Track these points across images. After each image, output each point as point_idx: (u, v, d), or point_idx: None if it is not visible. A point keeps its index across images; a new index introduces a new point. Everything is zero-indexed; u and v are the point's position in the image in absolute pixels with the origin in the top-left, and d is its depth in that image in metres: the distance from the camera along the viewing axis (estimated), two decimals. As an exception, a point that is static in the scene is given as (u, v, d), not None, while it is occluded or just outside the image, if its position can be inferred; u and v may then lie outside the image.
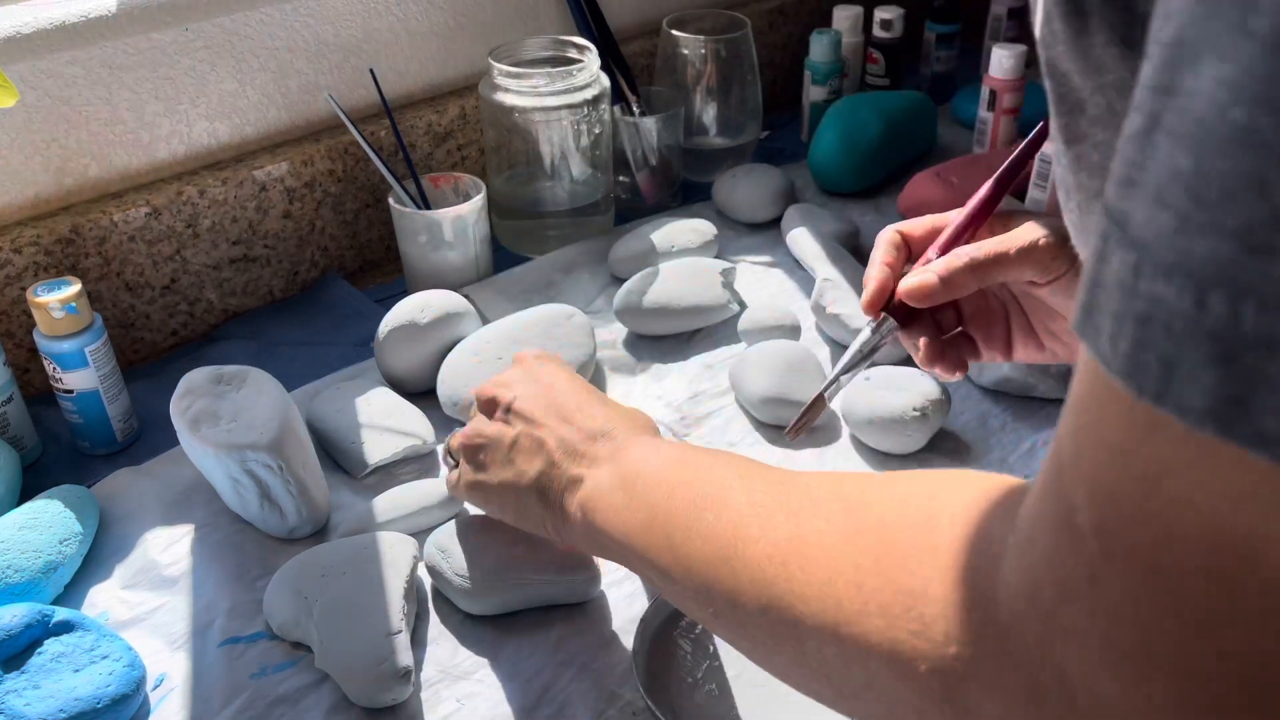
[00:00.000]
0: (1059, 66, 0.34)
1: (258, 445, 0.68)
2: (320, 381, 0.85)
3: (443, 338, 0.83)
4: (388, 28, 0.99)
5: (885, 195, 1.11)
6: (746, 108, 1.12)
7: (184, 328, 0.92)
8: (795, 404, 0.78)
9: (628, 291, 0.89)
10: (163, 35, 0.86)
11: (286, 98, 0.95)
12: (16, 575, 0.64)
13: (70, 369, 0.75)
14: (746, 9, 1.21)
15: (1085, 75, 0.33)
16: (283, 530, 0.70)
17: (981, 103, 1.12)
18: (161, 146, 0.90)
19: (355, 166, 0.98)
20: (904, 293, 0.59)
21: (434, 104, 1.03)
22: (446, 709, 0.60)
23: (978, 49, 1.34)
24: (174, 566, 0.69)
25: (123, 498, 0.74)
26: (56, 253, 0.83)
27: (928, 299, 0.59)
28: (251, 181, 0.92)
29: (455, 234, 0.91)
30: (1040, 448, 0.76)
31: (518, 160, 0.98)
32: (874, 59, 1.22)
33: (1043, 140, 0.62)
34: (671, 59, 1.09)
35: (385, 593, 0.63)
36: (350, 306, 0.95)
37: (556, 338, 0.82)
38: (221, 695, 0.61)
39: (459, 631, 0.65)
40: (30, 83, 0.81)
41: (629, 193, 1.08)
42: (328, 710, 0.60)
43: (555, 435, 0.58)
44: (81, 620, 0.61)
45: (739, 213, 1.04)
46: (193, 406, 0.70)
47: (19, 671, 0.57)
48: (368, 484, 0.76)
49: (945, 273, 0.58)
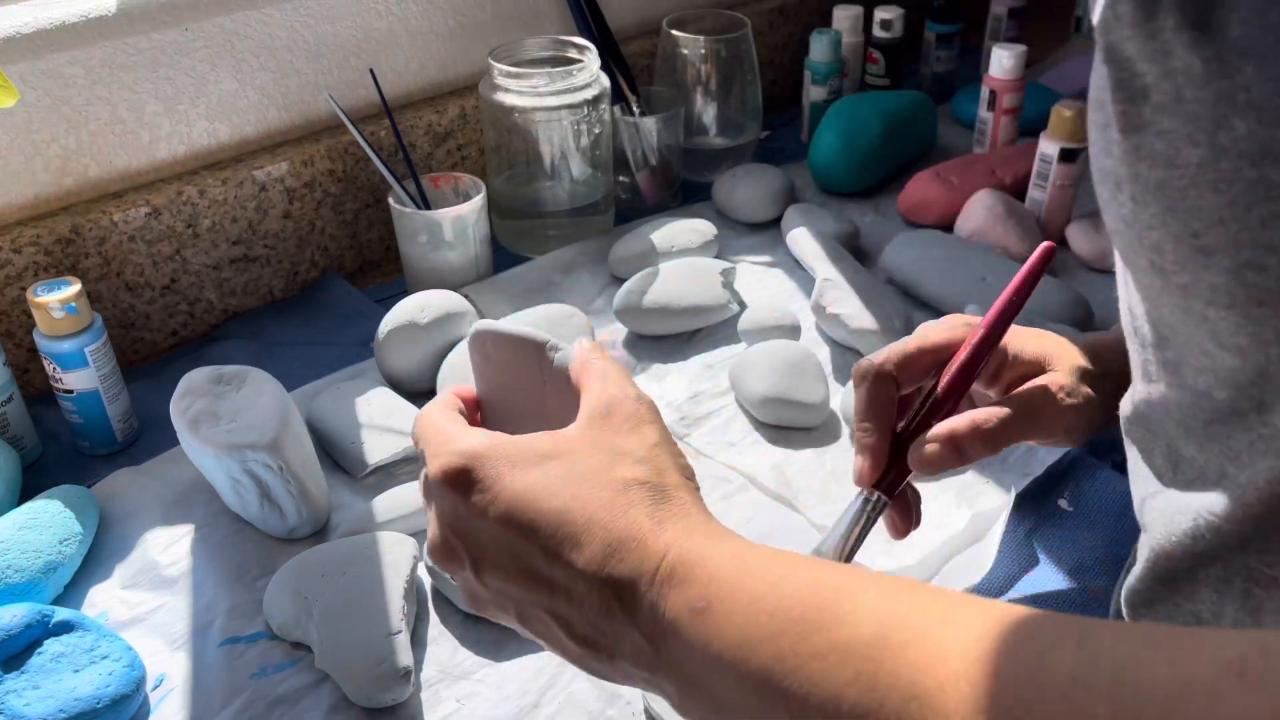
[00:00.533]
0: (1121, 51, 0.33)
1: (258, 445, 0.68)
2: (320, 381, 0.85)
3: (443, 338, 0.83)
4: (388, 28, 0.99)
5: (885, 195, 1.11)
6: (746, 108, 1.12)
7: (184, 328, 0.93)
8: (795, 404, 0.78)
9: (628, 291, 0.89)
10: (163, 35, 0.86)
11: (286, 98, 0.95)
12: (16, 575, 0.64)
13: (70, 369, 0.75)
14: (746, 9, 1.21)
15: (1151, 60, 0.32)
16: (283, 530, 0.70)
17: (981, 103, 1.12)
18: (161, 146, 0.90)
19: (355, 166, 0.98)
20: (914, 463, 0.52)
21: (434, 104, 1.03)
22: (446, 709, 0.60)
23: (978, 49, 1.35)
24: (174, 566, 0.69)
25: (123, 498, 0.74)
26: (56, 253, 0.83)
27: (937, 468, 0.52)
28: (251, 181, 0.92)
29: (455, 234, 0.91)
30: (1039, 447, 0.76)
31: (518, 160, 0.98)
32: (874, 59, 1.22)
33: (1051, 258, 0.54)
34: (671, 59, 1.09)
35: (385, 593, 0.63)
36: (350, 306, 0.95)
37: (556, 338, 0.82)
38: (221, 695, 0.61)
39: (459, 631, 0.65)
40: (30, 83, 0.81)
41: (629, 193, 1.08)
42: (328, 710, 0.60)
43: (560, 620, 0.41)
44: (81, 620, 0.61)
45: (739, 213, 1.04)
46: (193, 406, 0.70)
47: (19, 672, 0.57)
48: (368, 484, 0.76)
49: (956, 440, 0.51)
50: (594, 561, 0.39)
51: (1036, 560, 0.68)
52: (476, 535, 0.42)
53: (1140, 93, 0.33)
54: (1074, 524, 0.70)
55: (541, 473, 0.42)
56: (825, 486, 0.74)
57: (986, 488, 0.73)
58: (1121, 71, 0.34)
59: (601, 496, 0.40)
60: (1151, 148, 0.34)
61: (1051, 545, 0.69)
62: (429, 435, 0.45)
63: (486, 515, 0.41)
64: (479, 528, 0.42)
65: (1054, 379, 0.54)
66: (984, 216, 0.97)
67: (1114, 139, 0.35)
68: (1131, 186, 0.35)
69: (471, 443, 0.43)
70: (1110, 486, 0.72)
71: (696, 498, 0.42)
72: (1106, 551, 0.68)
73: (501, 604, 0.43)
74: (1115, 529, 0.69)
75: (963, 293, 0.88)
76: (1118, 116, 0.35)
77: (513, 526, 0.41)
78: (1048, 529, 0.70)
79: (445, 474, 0.42)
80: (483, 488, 0.42)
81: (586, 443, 0.43)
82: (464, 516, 0.42)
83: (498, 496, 0.41)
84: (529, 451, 0.42)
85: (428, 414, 0.47)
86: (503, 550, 0.41)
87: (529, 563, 0.41)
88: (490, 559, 0.42)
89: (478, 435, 0.44)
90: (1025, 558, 0.68)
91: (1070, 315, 0.85)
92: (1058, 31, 1.46)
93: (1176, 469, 0.43)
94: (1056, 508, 0.71)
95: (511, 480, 0.42)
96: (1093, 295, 0.90)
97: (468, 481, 0.42)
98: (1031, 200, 1.01)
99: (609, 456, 0.42)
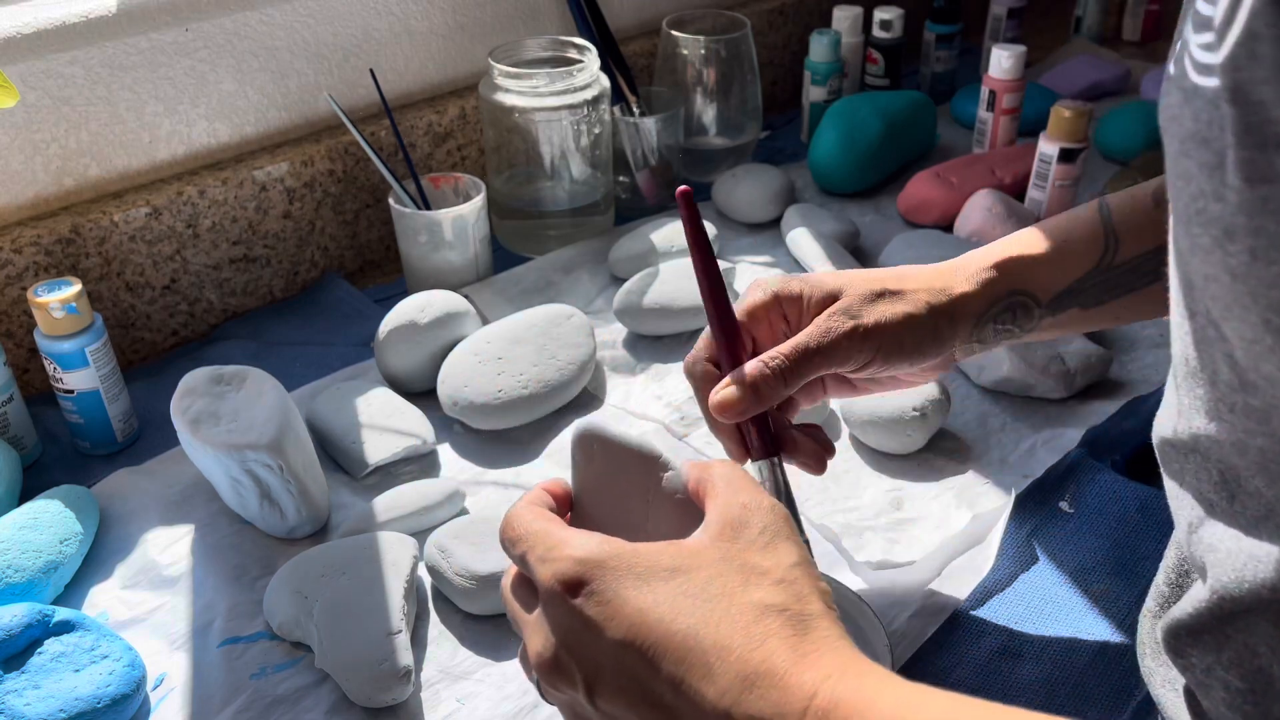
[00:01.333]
0: (1252, 94, 0.31)
1: (258, 445, 0.68)
2: (320, 381, 0.85)
3: (443, 338, 0.83)
4: (388, 28, 0.99)
5: (885, 195, 1.11)
6: (746, 108, 1.12)
7: (184, 328, 0.93)
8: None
9: (628, 291, 0.89)
10: (163, 35, 0.86)
11: (286, 98, 0.95)
12: (17, 575, 0.64)
13: (70, 369, 0.75)
14: (746, 9, 1.21)
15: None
16: (283, 530, 0.71)
17: (981, 103, 1.12)
18: (162, 147, 0.90)
19: (355, 167, 0.98)
20: (714, 409, 0.54)
21: (434, 104, 1.03)
22: (446, 709, 0.60)
23: (978, 49, 1.35)
24: (174, 566, 0.69)
25: (123, 498, 0.74)
26: (57, 253, 0.83)
27: (736, 412, 0.54)
28: (251, 182, 0.92)
29: (455, 234, 0.91)
30: (1039, 448, 0.76)
31: (518, 160, 0.98)
32: (874, 59, 1.22)
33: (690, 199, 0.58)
34: (671, 59, 1.10)
35: (385, 593, 0.63)
36: (350, 306, 0.95)
37: (556, 338, 0.82)
38: (221, 695, 0.61)
39: (459, 631, 0.65)
40: (30, 83, 0.81)
41: (629, 193, 1.08)
42: (328, 710, 0.60)
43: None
44: (82, 620, 0.61)
45: (739, 213, 1.04)
46: (193, 406, 0.70)
47: (19, 671, 0.58)
48: (368, 484, 0.76)
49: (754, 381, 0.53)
50: (727, 695, 0.36)
51: (1036, 560, 0.68)
52: (593, 654, 0.39)
53: (1274, 141, 0.31)
54: (1075, 526, 0.70)
55: (667, 590, 0.38)
56: (825, 486, 0.74)
57: (986, 489, 0.73)
58: (1251, 115, 0.31)
59: (736, 621, 0.37)
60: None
61: (1053, 547, 0.69)
62: (531, 537, 0.42)
63: (604, 634, 0.38)
64: (596, 646, 0.38)
65: (838, 305, 0.56)
66: (983, 217, 0.97)
67: (1231, 185, 0.33)
68: (1251, 240, 0.32)
69: (590, 549, 0.40)
70: (1112, 489, 0.72)
71: (839, 628, 0.39)
72: (1109, 554, 0.68)
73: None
74: (1117, 531, 0.69)
75: (963, 293, 0.88)
76: (1241, 163, 0.32)
77: (635, 649, 0.38)
78: (1049, 531, 0.70)
79: (564, 583, 0.39)
80: (601, 600, 0.38)
81: (717, 557, 0.40)
82: (578, 631, 0.39)
83: (618, 612, 0.38)
84: (653, 563, 0.39)
85: (523, 513, 0.44)
86: (622, 673, 0.38)
87: (651, 689, 0.37)
88: (607, 682, 0.38)
89: (595, 541, 0.41)
90: (1026, 559, 0.68)
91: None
92: (1058, 31, 1.46)
93: (1234, 499, 0.42)
94: (1057, 509, 0.71)
95: (635, 595, 0.38)
96: (1092, 295, 0.90)
97: (586, 593, 0.39)
98: (1031, 200, 1.02)
99: (742, 576, 0.39)
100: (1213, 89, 0.33)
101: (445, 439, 0.80)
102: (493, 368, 0.79)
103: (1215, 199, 0.33)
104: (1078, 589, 0.66)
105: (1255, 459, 0.39)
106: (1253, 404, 0.38)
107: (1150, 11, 1.41)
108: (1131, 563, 0.67)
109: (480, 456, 0.78)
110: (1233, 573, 0.41)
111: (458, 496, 0.72)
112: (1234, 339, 0.37)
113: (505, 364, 0.79)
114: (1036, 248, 0.60)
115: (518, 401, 0.78)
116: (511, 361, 0.79)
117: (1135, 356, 0.85)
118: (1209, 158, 0.34)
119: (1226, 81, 0.32)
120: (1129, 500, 0.71)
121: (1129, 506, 0.70)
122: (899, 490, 0.74)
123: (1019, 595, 0.66)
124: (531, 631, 0.41)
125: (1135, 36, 1.43)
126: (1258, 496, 0.40)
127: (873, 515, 0.72)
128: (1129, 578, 0.66)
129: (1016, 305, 0.59)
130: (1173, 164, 0.37)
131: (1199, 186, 0.34)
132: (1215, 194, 0.33)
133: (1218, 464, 0.42)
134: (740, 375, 0.54)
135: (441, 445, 0.79)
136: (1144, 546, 0.68)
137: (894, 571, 0.67)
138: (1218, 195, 0.33)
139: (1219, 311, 0.37)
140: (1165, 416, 0.47)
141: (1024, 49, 1.09)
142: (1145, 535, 0.68)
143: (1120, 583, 0.66)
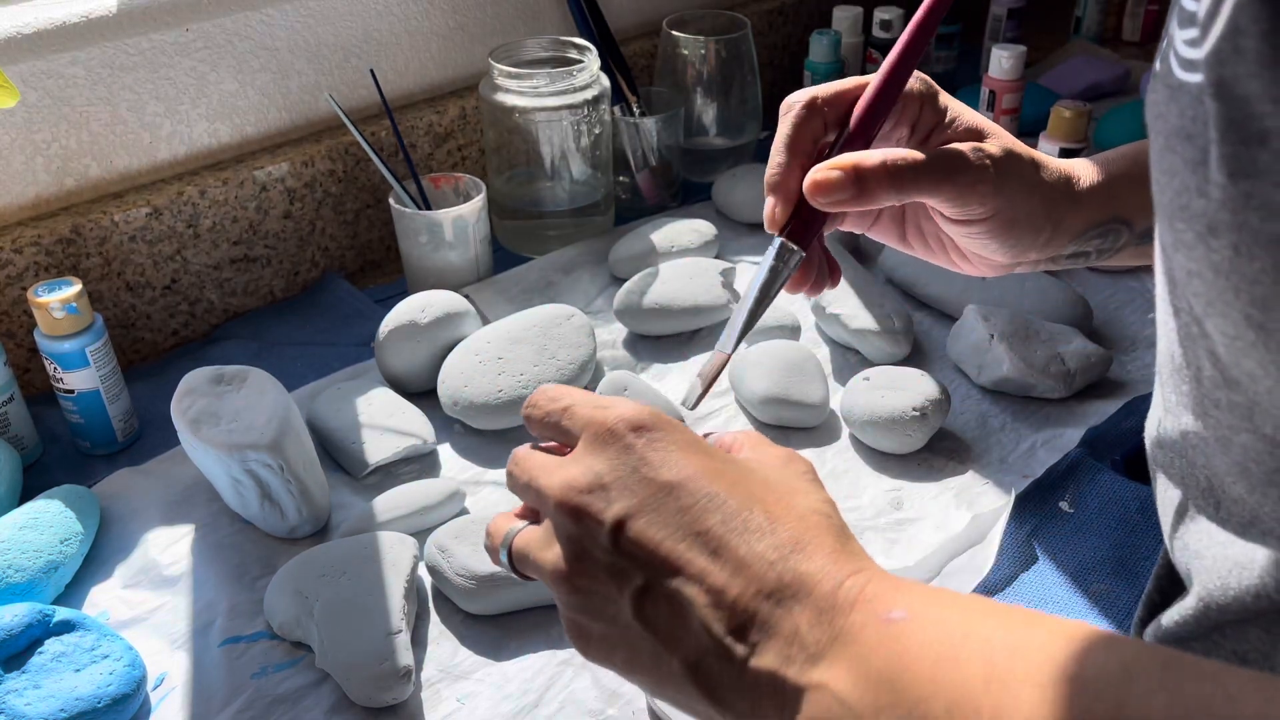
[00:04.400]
0: (1236, 89, 0.30)
1: (258, 445, 0.68)
2: (320, 381, 0.85)
3: (443, 338, 0.83)
4: (388, 28, 0.99)
5: (885, 195, 1.10)
6: (746, 108, 1.12)
7: (184, 328, 0.93)
8: (795, 404, 0.78)
9: (628, 291, 0.89)
10: (163, 35, 0.86)
11: (287, 98, 0.95)
12: (17, 575, 0.64)
13: (71, 369, 0.75)
14: (746, 9, 1.21)
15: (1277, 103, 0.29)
16: (283, 530, 0.71)
17: (981, 103, 1.12)
18: (162, 147, 0.90)
19: (355, 167, 0.98)
20: (808, 186, 0.49)
21: (434, 104, 1.03)
22: (446, 709, 0.60)
23: (978, 49, 1.35)
24: (174, 566, 0.69)
25: (123, 498, 0.74)
26: (57, 253, 0.83)
27: (834, 199, 0.48)
28: (252, 182, 0.92)
29: (455, 234, 0.91)
30: (1039, 447, 0.76)
31: (518, 160, 0.98)
32: (873, 59, 1.22)
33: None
34: (671, 59, 1.10)
35: (385, 593, 0.63)
36: (350, 306, 0.95)
37: (556, 338, 0.82)
38: (222, 695, 0.61)
39: (459, 631, 0.65)
40: (31, 83, 0.81)
41: (629, 193, 1.08)
42: (328, 710, 0.60)
43: (709, 590, 0.36)
44: (82, 620, 0.61)
45: (739, 213, 1.04)
46: (193, 406, 0.70)
47: (20, 671, 0.58)
48: (368, 484, 0.76)
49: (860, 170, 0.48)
50: (779, 548, 0.37)
51: (1036, 559, 0.68)
52: (640, 489, 0.38)
53: (1257, 136, 0.30)
54: (1075, 526, 0.70)
55: (726, 465, 0.39)
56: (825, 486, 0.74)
57: (986, 489, 0.73)
58: (1234, 111, 0.31)
59: (789, 510, 0.38)
60: (1268, 198, 0.31)
61: (1053, 547, 0.69)
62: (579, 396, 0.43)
63: (660, 473, 0.38)
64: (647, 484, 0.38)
65: (980, 144, 0.52)
66: (984, 217, 0.97)
67: (1214, 180, 0.32)
68: (1234, 235, 0.32)
69: (654, 409, 0.41)
70: (1112, 489, 0.72)
71: None
72: (1109, 554, 0.68)
73: (630, 567, 0.38)
74: (1117, 531, 0.69)
75: (962, 292, 0.88)
76: (1225, 158, 0.32)
77: (689, 492, 0.38)
78: (1049, 531, 0.70)
79: (629, 422, 0.39)
80: (662, 447, 0.39)
81: (770, 467, 0.41)
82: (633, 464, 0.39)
83: (677, 462, 0.39)
84: (712, 447, 0.41)
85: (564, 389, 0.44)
86: (668, 508, 0.38)
87: (700, 522, 0.37)
88: (648, 515, 0.38)
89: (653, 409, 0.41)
90: (1026, 559, 0.68)
91: (1070, 315, 0.85)
92: (1057, 32, 1.46)
93: (1219, 506, 0.41)
94: (1057, 509, 0.71)
95: (696, 457, 0.39)
96: (1092, 295, 0.90)
97: (649, 437, 0.39)
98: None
99: (789, 487, 0.40)
100: (1197, 84, 0.33)
101: (445, 439, 0.80)
102: (493, 368, 0.79)
103: (1199, 194, 0.33)
104: (1078, 589, 0.66)
105: (1238, 457, 0.39)
106: (1235, 400, 0.38)
107: (1150, 11, 1.42)
108: (1131, 563, 0.67)
109: (480, 456, 0.78)
110: (1218, 579, 0.41)
111: (458, 496, 0.72)
112: (1216, 335, 0.37)
113: (505, 364, 0.79)
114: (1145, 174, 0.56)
115: (518, 401, 0.78)
116: (512, 361, 0.80)
117: (1135, 356, 0.85)
118: (1193, 153, 0.33)
119: (1210, 76, 0.31)
120: (1129, 500, 0.71)
121: (1129, 506, 0.70)
122: (899, 490, 0.74)
123: (1019, 595, 0.66)
124: (560, 466, 0.41)
125: (1135, 37, 1.43)
126: (1241, 503, 0.40)
127: (873, 515, 0.72)
128: (1129, 578, 0.66)
129: (1110, 231, 0.57)
130: (1157, 160, 0.37)
131: (1183, 182, 0.34)
132: (1199, 189, 0.33)
133: (1204, 469, 0.42)
134: (857, 161, 0.49)
135: (442, 445, 0.79)
136: (1144, 546, 0.68)
137: (894, 572, 0.67)
138: (1201, 191, 0.33)
139: (1201, 307, 0.37)
140: (1153, 415, 0.47)
141: (1024, 49, 1.09)
142: (1145, 535, 0.68)
143: (1120, 583, 0.66)
